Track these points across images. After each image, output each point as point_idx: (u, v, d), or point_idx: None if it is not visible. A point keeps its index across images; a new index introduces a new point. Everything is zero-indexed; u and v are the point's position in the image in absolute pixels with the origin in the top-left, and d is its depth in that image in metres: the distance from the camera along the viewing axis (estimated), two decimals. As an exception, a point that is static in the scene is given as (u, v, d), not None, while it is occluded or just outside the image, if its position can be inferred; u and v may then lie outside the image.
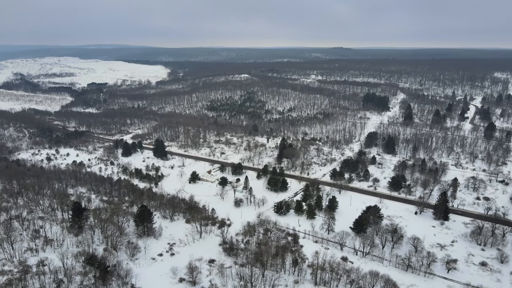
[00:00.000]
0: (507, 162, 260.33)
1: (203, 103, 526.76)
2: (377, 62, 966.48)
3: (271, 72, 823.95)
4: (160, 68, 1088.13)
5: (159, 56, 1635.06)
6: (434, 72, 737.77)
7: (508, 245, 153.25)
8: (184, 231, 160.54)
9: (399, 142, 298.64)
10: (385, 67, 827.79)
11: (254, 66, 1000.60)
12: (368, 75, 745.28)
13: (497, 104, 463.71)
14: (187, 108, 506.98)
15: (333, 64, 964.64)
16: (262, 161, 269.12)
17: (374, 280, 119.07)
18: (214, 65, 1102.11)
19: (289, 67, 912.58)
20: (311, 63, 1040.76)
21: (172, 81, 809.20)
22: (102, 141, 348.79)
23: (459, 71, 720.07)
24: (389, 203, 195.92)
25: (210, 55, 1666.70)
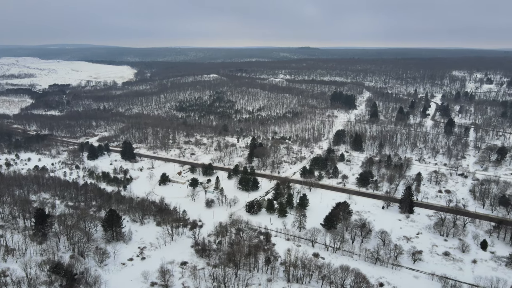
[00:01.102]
0: (466, 156, 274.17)
1: (172, 103, 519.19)
2: (343, 62, 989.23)
3: (240, 72, 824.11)
4: (126, 68, 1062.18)
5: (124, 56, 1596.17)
6: (397, 71, 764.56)
7: (468, 235, 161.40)
8: (155, 234, 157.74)
9: (366, 139, 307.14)
10: (351, 66, 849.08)
11: (222, 66, 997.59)
12: (335, 74, 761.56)
13: (455, 101, 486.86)
14: (155, 109, 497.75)
15: (301, 63, 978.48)
16: (232, 161, 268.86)
17: (345, 274, 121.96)
18: (182, 65, 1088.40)
19: (257, 66, 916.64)
20: (280, 63, 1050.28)
21: (139, 81, 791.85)
22: (66, 144, 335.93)
23: (420, 70, 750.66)
24: (358, 198, 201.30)
25: (178, 55, 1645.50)
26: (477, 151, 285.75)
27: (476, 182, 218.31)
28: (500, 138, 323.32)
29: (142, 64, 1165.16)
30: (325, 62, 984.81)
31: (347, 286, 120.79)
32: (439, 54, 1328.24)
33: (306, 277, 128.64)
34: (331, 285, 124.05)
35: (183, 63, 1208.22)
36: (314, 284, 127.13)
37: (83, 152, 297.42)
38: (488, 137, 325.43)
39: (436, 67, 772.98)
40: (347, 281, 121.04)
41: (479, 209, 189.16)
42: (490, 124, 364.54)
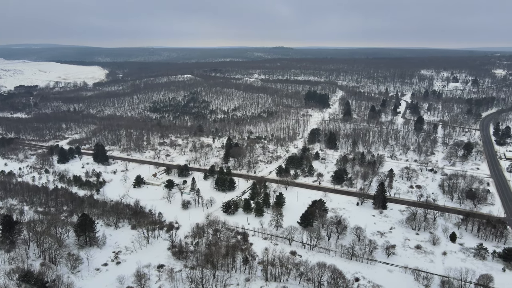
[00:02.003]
0: (435, 152, 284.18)
1: (146, 104, 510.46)
2: (316, 61, 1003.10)
3: (214, 72, 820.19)
4: (97, 69, 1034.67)
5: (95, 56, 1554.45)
6: (368, 70, 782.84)
7: (438, 228, 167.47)
8: (130, 238, 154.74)
9: (340, 138, 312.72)
10: (324, 66, 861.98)
11: (196, 66, 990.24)
12: (309, 73, 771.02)
13: (424, 99, 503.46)
14: (128, 110, 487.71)
15: (275, 63, 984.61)
16: (208, 161, 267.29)
17: (322, 271, 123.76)
18: (155, 66, 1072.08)
19: (232, 66, 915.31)
20: (254, 63, 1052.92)
21: (111, 82, 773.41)
22: (35, 148, 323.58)
23: (391, 69, 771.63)
24: (333, 196, 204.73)
25: (151, 55, 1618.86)
26: (445, 147, 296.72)
27: (445, 177, 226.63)
28: (466, 134, 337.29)
29: (114, 65, 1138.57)
30: (299, 62, 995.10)
31: (324, 283, 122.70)
32: (408, 54, 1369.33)
33: (284, 275, 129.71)
34: (309, 282, 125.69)
35: (156, 64, 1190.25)
36: (292, 282, 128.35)
37: (52, 156, 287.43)
38: (455, 133, 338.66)
39: (405, 67, 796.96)
40: (324, 278, 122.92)
41: (448, 202, 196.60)
42: (456, 121, 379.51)
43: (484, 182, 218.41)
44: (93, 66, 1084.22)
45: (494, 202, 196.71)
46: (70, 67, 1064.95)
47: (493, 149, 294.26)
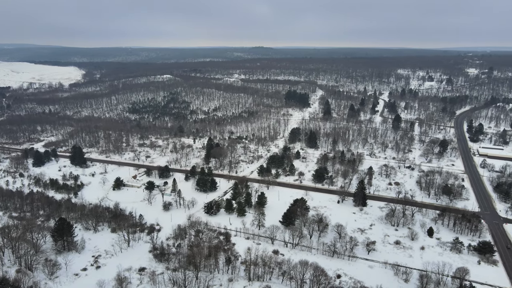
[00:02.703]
0: (412, 149, 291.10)
1: (124, 105, 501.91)
2: (296, 61, 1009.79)
3: (194, 72, 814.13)
4: (73, 69, 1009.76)
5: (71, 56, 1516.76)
6: (347, 69, 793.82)
7: (416, 224, 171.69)
8: (110, 241, 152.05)
9: (320, 136, 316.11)
10: (304, 66, 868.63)
11: (176, 66, 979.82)
12: (289, 73, 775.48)
13: (401, 98, 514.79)
14: (106, 112, 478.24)
15: (255, 63, 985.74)
16: (189, 162, 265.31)
17: (304, 269, 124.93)
18: (133, 66, 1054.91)
19: (212, 66, 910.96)
20: (234, 63, 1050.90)
21: (88, 83, 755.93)
22: (8, 151, 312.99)
23: (369, 68, 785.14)
24: (314, 194, 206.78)
25: (129, 56, 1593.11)
26: (421, 144, 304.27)
27: (422, 173, 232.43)
28: (442, 131, 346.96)
29: (91, 65, 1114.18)
30: (278, 62, 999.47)
31: (306, 281, 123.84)
32: (385, 53, 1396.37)
33: (267, 275, 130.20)
34: (291, 280, 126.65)
35: (134, 64, 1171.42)
36: (275, 281, 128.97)
37: (27, 159, 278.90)
38: (431, 131, 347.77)
39: (382, 66, 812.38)
40: (306, 275, 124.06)
41: (425, 198, 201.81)
42: (432, 119, 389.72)
43: (459, 178, 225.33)
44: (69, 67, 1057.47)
45: (469, 197, 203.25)
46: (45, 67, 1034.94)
47: (467, 146, 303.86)
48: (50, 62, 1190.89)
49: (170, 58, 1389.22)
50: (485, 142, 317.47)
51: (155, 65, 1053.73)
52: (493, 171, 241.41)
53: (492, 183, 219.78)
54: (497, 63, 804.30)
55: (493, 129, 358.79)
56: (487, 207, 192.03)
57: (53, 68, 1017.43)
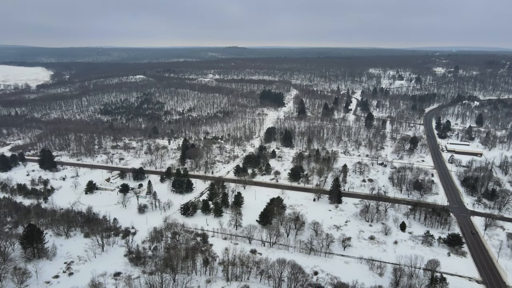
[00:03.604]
0: (384, 146, 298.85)
1: (96, 107, 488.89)
2: (270, 61, 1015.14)
3: (167, 72, 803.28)
4: (41, 70, 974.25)
5: (38, 56, 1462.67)
6: (320, 69, 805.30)
7: (389, 219, 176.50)
8: (83, 247, 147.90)
9: (295, 135, 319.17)
10: (278, 65, 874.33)
11: (149, 66, 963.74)
12: (263, 73, 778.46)
13: (373, 96, 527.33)
14: (77, 113, 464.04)
15: (230, 63, 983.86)
16: (165, 163, 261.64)
17: (282, 267, 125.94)
18: (105, 66, 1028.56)
19: (186, 66, 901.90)
20: (208, 63, 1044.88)
21: (56, 84, 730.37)
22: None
23: (341, 68, 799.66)
24: (291, 193, 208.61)
25: (100, 56, 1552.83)
26: (393, 141, 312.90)
27: (394, 170, 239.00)
28: (412, 129, 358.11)
29: (60, 65, 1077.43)
30: (253, 62, 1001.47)
31: (284, 279, 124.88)
32: (357, 53, 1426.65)
33: (245, 274, 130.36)
34: (269, 279, 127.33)
35: (106, 64, 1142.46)
36: (253, 280, 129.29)
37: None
38: (402, 128, 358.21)
39: (355, 66, 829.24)
40: (284, 274, 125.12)
41: (398, 194, 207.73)
42: (403, 117, 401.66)
43: (429, 173, 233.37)
44: (36, 67, 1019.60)
45: (438, 192, 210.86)
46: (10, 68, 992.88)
47: (436, 142, 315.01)
48: (15, 62, 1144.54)
49: (143, 58, 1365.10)
50: (452, 138, 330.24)
51: (128, 66, 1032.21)
52: (460, 166, 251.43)
53: (460, 177, 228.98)
54: (462, 62, 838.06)
55: (459, 125, 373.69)
56: (456, 201, 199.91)
57: (19, 69, 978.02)
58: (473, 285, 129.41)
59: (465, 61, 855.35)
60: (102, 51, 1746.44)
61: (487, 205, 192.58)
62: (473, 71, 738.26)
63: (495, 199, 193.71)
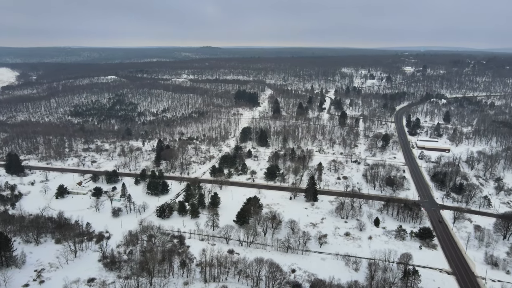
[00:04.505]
0: (358, 144, 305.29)
1: (66, 108, 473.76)
2: (245, 61, 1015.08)
3: (140, 72, 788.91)
4: (5, 70, 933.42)
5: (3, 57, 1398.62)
6: (294, 68, 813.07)
7: (364, 215, 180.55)
8: (55, 253, 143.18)
9: (270, 135, 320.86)
10: (253, 65, 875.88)
11: (121, 67, 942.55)
12: (238, 73, 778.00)
13: (346, 95, 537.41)
14: (45, 115, 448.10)
15: (204, 63, 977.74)
16: (139, 165, 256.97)
17: (259, 266, 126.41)
18: (74, 67, 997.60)
19: (159, 67, 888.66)
20: (182, 63, 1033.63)
21: (23, 85, 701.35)
22: None
23: (315, 67, 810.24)
24: (267, 192, 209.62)
25: (69, 56, 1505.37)
26: (366, 139, 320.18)
27: (367, 167, 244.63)
28: (384, 126, 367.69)
29: (26, 66, 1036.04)
30: (227, 61, 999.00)
31: (262, 278, 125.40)
32: (330, 53, 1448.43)
33: (223, 275, 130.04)
34: (248, 278, 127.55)
35: (75, 64, 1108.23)
36: (231, 281, 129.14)
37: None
38: (374, 126, 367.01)
39: (328, 65, 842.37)
40: (262, 273, 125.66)
41: (371, 190, 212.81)
42: (375, 115, 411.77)
43: (400, 170, 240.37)
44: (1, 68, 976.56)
45: (410, 187, 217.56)
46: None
47: (406, 139, 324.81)
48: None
49: (114, 59, 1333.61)
50: (422, 135, 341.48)
51: (98, 66, 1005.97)
52: (429, 162, 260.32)
53: (429, 173, 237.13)
54: (430, 61, 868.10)
55: (428, 123, 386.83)
56: (426, 196, 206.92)
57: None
58: (443, 276, 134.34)
59: (433, 61, 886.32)
60: (71, 51, 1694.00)
61: (455, 199, 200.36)
62: (440, 70, 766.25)
63: (462, 193, 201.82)
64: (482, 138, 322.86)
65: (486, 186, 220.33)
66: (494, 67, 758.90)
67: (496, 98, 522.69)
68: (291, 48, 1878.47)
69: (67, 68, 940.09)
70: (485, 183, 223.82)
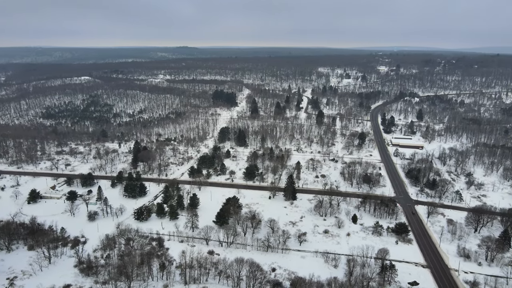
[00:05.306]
0: (335, 143, 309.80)
1: (37, 110, 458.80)
2: (222, 61, 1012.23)
3: (115, 73, 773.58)
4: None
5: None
6: (272, 68, 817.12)
7: (342, 212, 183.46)
8: (28, 260, 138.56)
9: (249, 135, 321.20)
10: (230, 65, 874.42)
11: (95, 67, 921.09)
12: (215, 73, 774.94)
13: (323, 94, 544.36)
14: (15, 118, 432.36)
15: (180, 63, 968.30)
16: (115, 168, 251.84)
17: (240, 266, 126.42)
18: (46, 67, 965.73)
19: (135, 67, 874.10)
20: (158, 63, 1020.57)
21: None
22: None
23: (292, 67, 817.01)
24: (246, 192, 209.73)
25: (40, 56, 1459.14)
26: (343, 137, 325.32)
27: (345, 165, 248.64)
28: (360, 125, 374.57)
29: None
30: (204, 62, 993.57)
31: (243, 277, 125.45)
32: (306, 52, 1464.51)
33: (203, 276, 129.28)
34: (228, 279, 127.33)
35: (47, 65, 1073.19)
36: (211, 282, 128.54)
37: None
38: (350, 124, 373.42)
39: (304, 65, 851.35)
40: (242, 273, 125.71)
41: (349, 188, 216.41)
42: (351, 113, 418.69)
43: (376, 167, 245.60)
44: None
45: (386, 184, 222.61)
46: None
47: (382, 137, 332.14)
48: None
49: (88, 59, 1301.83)
50: (396, 133, 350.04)
51: (71, 66, 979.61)
52: (404, 158, 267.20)
53: (404, 169, 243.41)
54: (403, 61, 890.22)
55: (402, 120, 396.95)
56: (401, 192, 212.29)
57: None
58: (419, 270, 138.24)
59: (405, 60, 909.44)
60: (42, 51, 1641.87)
61: (429, 194, 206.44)
62: (412, 69, 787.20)
63: (435, 188, 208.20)
64: (453, 135, 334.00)
65: (458, 181, 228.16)
66: (463, 66, 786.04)
67: (465, 96, 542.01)
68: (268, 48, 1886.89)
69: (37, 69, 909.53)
70: (456, 179, 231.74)
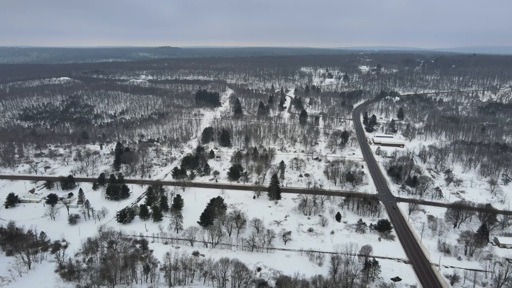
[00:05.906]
0: (318, 142, 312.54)
1: (14, 112, 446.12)
2: (205, 61, 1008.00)
3: (96, 73, 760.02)
4: None
5: None
6: (255, 68, 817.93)
7: (326, 211, 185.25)
8: (6, 266, 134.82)
9: (233, 135, 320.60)
10: (213, 65, 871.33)
11: (74, 67, 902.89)
12: (198, 73, 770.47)
13: (306, 94, 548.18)
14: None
15: (163, 63, 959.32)
16: (97, 170, 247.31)
17: (225, 266, 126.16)
18: (23, 68, 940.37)
19: (116, 67, 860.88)
20: (140, 63, 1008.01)
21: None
22: None
23: (275, 67, 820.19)
24: (231, 192, 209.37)
25: (16, 56, 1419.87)
26: (326, 137, 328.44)
27: (328, 164, 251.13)
28: (343, 124, 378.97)
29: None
30: (187, 62, 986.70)
31: (228, 278, 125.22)
32: (289, 52, 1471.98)
33: (188, 277, 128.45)
34: (213, 280, 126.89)
35: (24, 65, 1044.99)
36: (196, 283, 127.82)
37: None
38: (333, 124, 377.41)
39: (287, 64, 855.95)
40: (228, 273, 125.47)
41: (332, 186, 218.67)
42: (334, 113, 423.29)
43: (359, 165, 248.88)
44: None
45: (368, 182, 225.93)
46: None
47: (364, 136, 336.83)
48: None
49: (67, 59, 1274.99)
50: (378, 131, 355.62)
51: (50, 67, 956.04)
52: (386, 157, 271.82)
53: (386, 167, 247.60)
54: (384, 61, 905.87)
55: (384, 119, 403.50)
56: (383, 189, 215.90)
57: None
58: (401, 266, 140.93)
59: (386, 60, 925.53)
60: (18, 51, 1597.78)
61: (410, 191, 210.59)
62: (393, 69, 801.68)
63: (416, 185, 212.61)
64: (432, 133, 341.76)
65: (438, 178, 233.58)
66: (441, 66, 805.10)
67: (444, 95, 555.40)
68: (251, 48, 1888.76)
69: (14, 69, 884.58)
70: (436, 175, 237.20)
